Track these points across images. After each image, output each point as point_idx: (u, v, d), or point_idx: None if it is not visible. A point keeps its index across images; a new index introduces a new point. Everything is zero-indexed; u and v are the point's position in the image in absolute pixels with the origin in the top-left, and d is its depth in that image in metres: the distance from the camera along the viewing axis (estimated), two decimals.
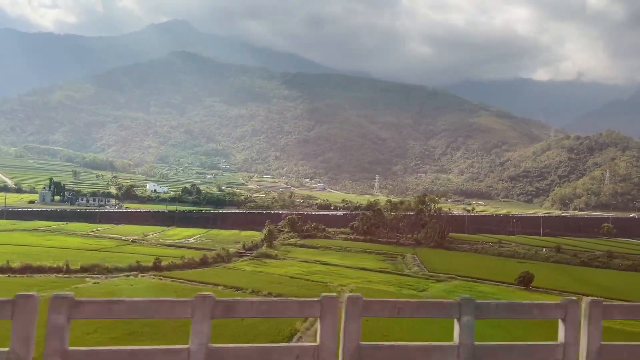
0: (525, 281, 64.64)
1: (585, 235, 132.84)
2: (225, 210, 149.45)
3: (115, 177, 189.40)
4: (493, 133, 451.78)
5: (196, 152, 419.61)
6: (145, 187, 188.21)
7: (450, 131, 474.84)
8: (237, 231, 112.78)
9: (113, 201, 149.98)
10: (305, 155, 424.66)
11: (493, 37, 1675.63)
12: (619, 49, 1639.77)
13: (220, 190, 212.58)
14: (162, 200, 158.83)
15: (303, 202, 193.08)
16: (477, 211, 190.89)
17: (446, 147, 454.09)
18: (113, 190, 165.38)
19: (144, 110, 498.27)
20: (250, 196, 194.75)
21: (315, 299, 6.38)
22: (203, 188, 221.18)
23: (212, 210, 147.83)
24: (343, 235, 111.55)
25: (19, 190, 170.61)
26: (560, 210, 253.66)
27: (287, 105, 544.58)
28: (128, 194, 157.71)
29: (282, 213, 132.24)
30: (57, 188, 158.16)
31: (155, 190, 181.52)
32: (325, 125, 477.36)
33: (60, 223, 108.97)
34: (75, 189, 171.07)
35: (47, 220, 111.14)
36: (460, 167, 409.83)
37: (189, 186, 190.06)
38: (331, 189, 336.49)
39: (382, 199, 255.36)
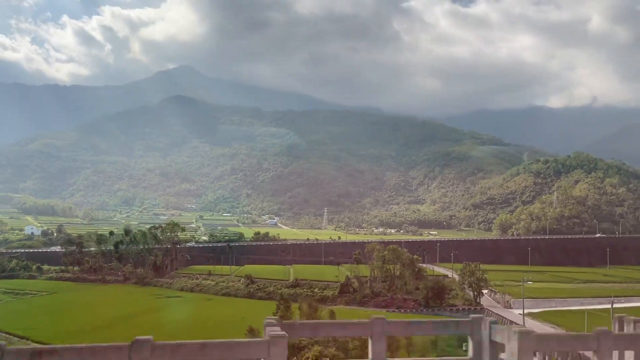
0: None
1: None
2: None
3: None
4: (471, 161, 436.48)
5: (167, 194, 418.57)
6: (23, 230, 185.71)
7: (430, 161, 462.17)
8: None
9: None
10: (275, 192, 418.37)
11: (501, 66, 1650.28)
12: (629, 71, 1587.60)
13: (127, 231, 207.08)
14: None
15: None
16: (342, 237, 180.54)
17: (424, 177, 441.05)
18: None
19: (127, 154, 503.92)
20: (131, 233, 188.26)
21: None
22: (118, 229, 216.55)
23: None
24: (54, 275, 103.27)
25: None
26: (500, 236, 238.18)
27: (271, 142, 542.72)
28: None
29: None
30: None
31: (32, 233, 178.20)
32: (301, 160, 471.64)
33: None
34: None
35: None
36: (433, 197, 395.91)
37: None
38: (283, 224, 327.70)
39: (302, 233, 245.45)
